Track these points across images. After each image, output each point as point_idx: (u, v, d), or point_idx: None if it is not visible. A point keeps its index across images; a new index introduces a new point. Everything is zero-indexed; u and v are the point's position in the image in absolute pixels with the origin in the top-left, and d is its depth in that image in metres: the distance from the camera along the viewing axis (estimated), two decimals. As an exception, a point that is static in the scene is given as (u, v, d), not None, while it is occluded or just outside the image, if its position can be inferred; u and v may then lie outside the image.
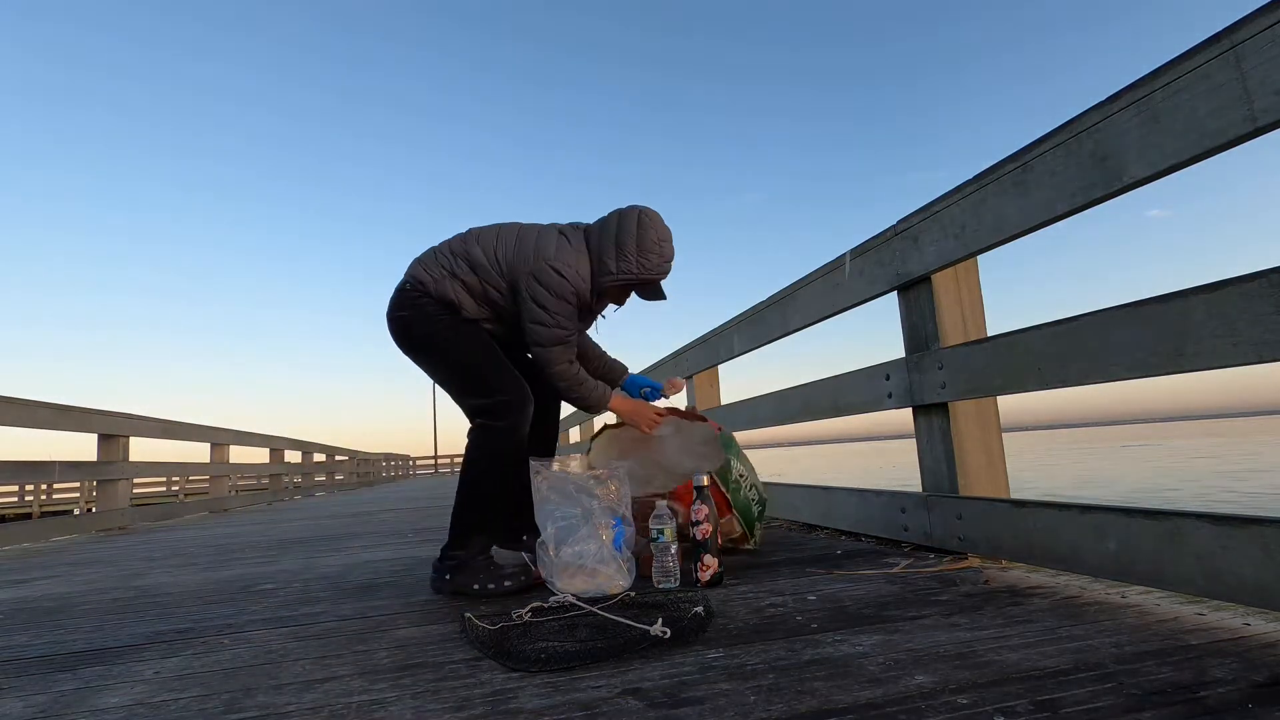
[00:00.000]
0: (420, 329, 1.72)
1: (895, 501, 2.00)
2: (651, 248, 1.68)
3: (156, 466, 6.03)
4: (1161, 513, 1.19)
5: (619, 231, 1.69)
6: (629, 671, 1.00)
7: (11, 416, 3.91)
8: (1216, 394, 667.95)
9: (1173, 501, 8.88)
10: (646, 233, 1.69)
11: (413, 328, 1.73)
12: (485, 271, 1.69)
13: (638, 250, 1.68)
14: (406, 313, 1.73)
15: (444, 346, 1.72)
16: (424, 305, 1.71)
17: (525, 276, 1.65)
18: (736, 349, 3.13)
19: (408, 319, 1.73)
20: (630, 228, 1.69)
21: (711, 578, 1.57)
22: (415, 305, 1.71)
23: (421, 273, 1.73)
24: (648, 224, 1.70)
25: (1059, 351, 1.39)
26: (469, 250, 1.71)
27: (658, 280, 1.74)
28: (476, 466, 1.69)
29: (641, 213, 1.71)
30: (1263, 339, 1.02)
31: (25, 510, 17.73)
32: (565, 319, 1.67)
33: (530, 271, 1.64)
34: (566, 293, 1.65)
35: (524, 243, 1.68)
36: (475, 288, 1.70)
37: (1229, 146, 1.08)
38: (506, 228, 1.74)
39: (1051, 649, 0.99)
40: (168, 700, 1.02)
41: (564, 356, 1.72)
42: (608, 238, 1.70)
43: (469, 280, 1.70)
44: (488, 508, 1.70)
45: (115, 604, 1.86)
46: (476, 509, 1.69)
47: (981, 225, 1.60)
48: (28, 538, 4.11)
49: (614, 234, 1.69)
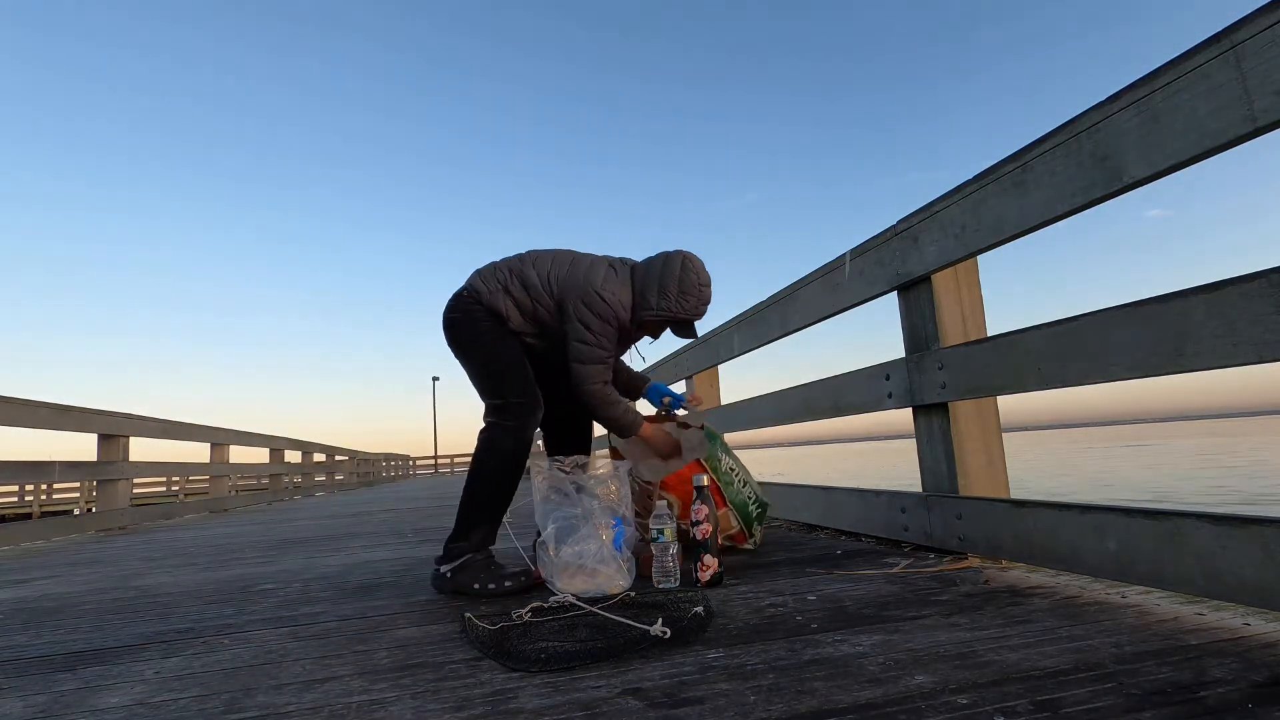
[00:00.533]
0: (467, 331, 1.88)
1: (895, 501, 2.00)
2: (692, 290, 1.82)
3: (156, 466, 6.03)
4: (1161, 513, 1.18)
5: (664, 272, 1.84)
6: (629, 671, 1.00)
7: (11, 416, 3.91)
8: (1218, 394, 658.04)
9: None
10: (689, 276, 1.83)
11: (461, 329, 1.89)
12: (536, 291, 1.84)
13: (679, 291, 1.82)
14: (458, 315, 1.89)
15: (481, 349, 1.86)
16: (474, 312, 1.87)
17: (574, 300, 1.80)
18: (736, 349, 3.13)
19: (459, 321, 1.89)
20: (675, 270, 1.83)
21: (711, 578, 1.57)
22: (467, 310, 1.88)
23: (479, 283, 1.89)
24: (691, 268, 1.84)
25: (1059, 351, 1.39)
26: (524, 271, 1.86)
27: (693, 320, 1.88)
28: (481, 463, 1.79)
29: (685, 257, 1.86)
30: (1263, 339, 1.02)
31: (25, 510, 17.73)
32: (606, 340, 1.81)
33: (579, 296, 1.79)
34: (609, 317, 1.79)
35: (576, 269, 1.83)
36: (525, 304, 1.85)
37: (1229, 146, 1.08)
38: (561, 254, 1.91)
39: (1051, 649, 0.99)
40: (168, 700, 1.02)
41: (599, 376, 1.83)
42: (652, 276, 1.84)
43: (520, 297, 1.85)
44: (490, 504, 1.78)
45: (115, 604, 1.86)
46: (479, 504, 1.77)
47: (981, 225, 1.60)
48: (28, 538, 4.11)
49: (658, 273, 1.84)
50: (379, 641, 1.27)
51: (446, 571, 1.70)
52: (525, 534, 2.39)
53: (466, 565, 1.70)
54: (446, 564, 1.71)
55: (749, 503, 2.04)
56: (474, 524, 1.76)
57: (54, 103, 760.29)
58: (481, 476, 1.78)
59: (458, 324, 1.89)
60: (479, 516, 1.76)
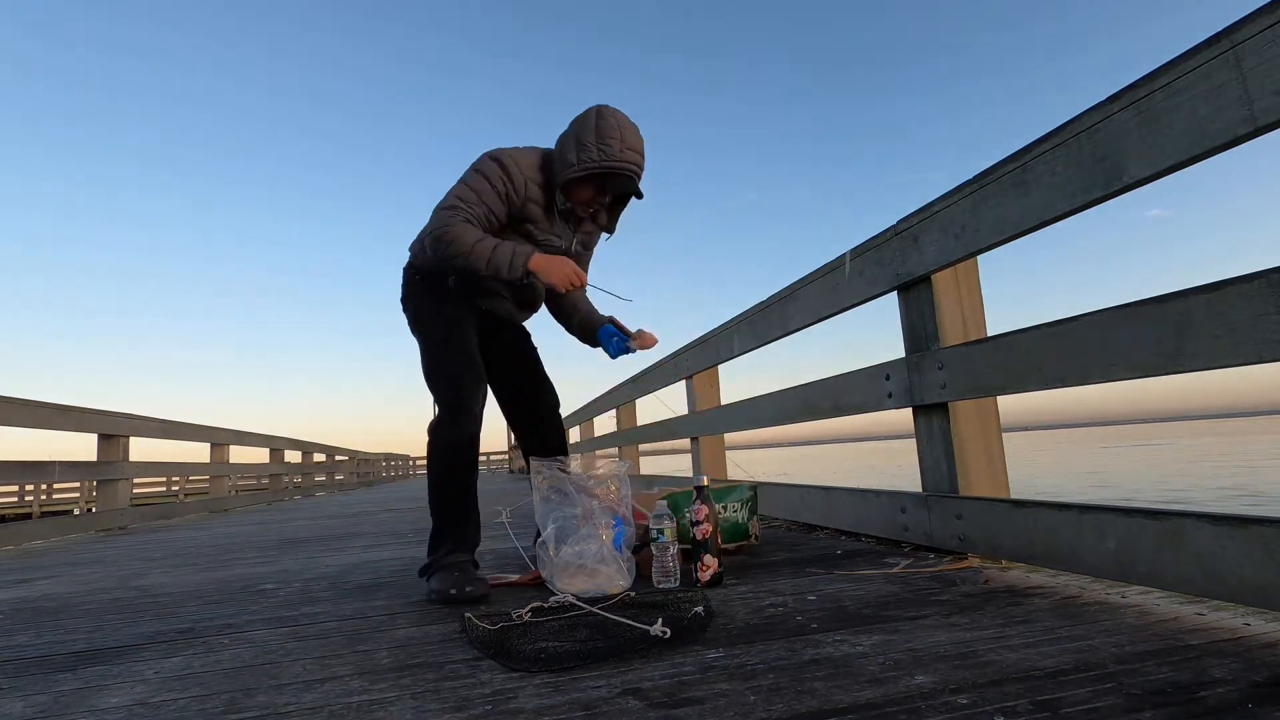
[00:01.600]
0: (409, 308, 1.77)
1: (895, 501, 2.00)
2: (612, 134, 1.61)
3: (156, 466, 6.04)
4: (1161, 513, 1.18)
5: (579, 128, 1.64)
6: (629, 671, 1.00)
7: (11, 416, 3.91)
8: (1218, 394, 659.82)
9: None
10: (605, 121, 1.62)
11: (406, 306, 1.79)
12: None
13: (598, 139, 1.60)
14: (403, 291, 1.79)
15: (419, 330, 1.75)
16: (414, 285, 1.76)
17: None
18: (736, 349, 3.13)
19: (404, 298, 1.79)
20: (590, 121, 1.64)
21: (711, 578, 1.57)
22: (407, 285, 1.77)
23: (414, 246, 1.77)
24: (606, 114, 1.65)
25: (1059, 351, 1.39)
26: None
27: (624, 171, 1.64)
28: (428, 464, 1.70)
29: (600, 108, 1.67)
30: (1263, 339, 1.02)
31: (25, 510, 17.73)
32: (474, 195, 1.60)
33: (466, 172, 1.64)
34: (493, 174, 1.61)
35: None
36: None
37: (1229, 146, 1.07)
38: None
39: (1051, 649, 0.99)
40: (168, 700, 1.01)
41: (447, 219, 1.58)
42: (568, 137, 1.65)
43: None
44: (444, 509, 1.69)
45: (115, 604, 1.86)
46: (435, 510, 1.70)
47: (981, 225, 1.59)
48: (28, 538, 4.11)
49: (573, 133, 1.65)
50: (379, 641, 1.27)
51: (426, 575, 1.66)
52: (525, 534, 2.39)
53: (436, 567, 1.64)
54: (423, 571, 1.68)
55: (737, 522, 2.05)
56: (438, 533, 1.69)
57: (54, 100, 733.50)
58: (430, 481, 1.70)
59: (404, 301, 1.78)
60: (438, 526, 1.69)
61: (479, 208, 1.61)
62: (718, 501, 2.01)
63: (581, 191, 1.67)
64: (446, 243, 1.57)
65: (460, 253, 1.57)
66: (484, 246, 1.58)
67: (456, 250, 1.57)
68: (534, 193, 1.66)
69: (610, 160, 1.61)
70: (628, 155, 1.63)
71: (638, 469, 5.56)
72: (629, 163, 1.63)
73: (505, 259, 1.58)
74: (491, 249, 1.58)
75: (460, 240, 1.57)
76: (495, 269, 1.58)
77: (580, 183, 1.66)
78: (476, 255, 1.57)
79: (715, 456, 3.80)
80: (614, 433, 5.87)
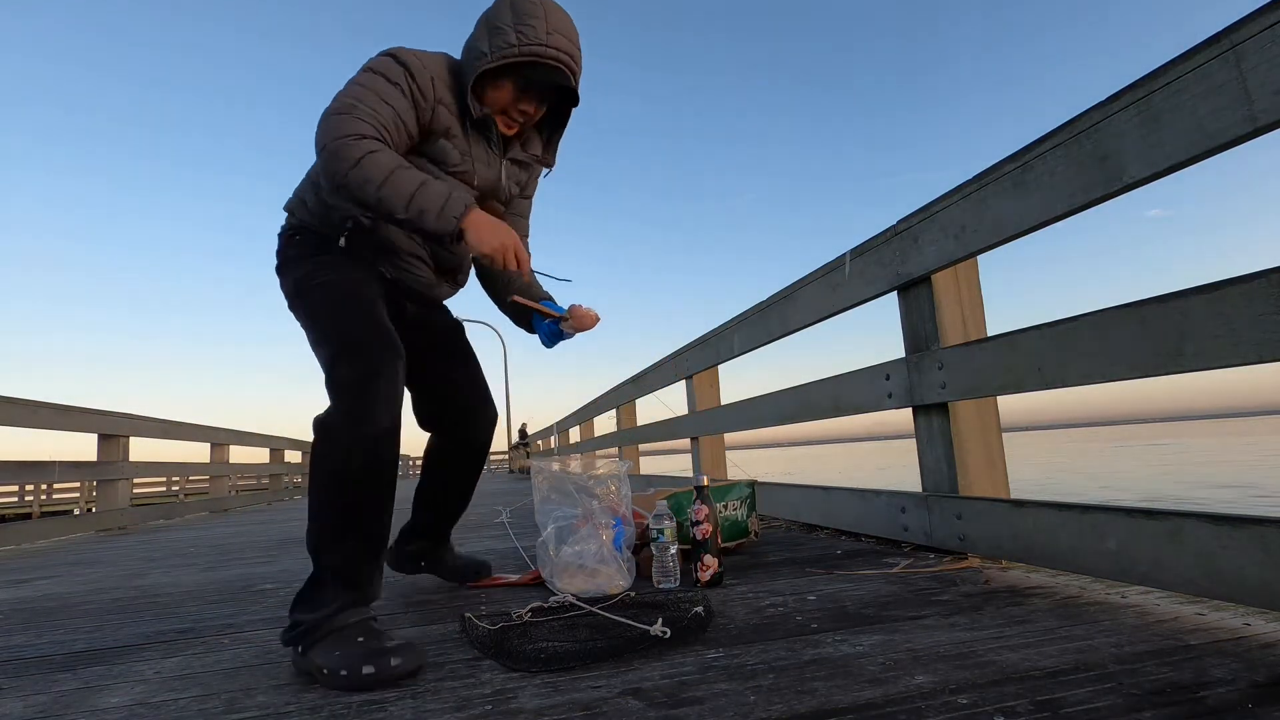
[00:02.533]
0: (287, 277, 1.35)
1: (895, 501, 2.00)
2: (532, 12, 1.26)
3: (156, 466, 6.04)
4: (1161, 513, 1.18)
5: (489, 13, 1.31)
6: (629, 671, 1.00)
7: (12, 416, 3.91)
8: (1219, 394, 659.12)
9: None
10: (524, 1, 1.28)
11: (283, 277, 1.36)
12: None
13: (514, 19, 1.26)
14: (279, 259, 1.38)
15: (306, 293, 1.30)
16: (295, 246, 1.35)
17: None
18: (736, 349, 3.13)
19: (280, 266, 1.38)
20: (504, 2, 1.30)
21: (711, 578, 1.57)
22: (284, 249, 1.37)
23: (291, 202, 1.39)
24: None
25: (1059, 351, 1.39)
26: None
27: (549, 59, 1.27)
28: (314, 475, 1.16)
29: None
30: (1263, 339, 1.02)
31: (25, 510, 17.73)
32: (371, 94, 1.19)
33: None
34: (391, 70, 1.22)
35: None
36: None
37: (1229, 146, 1.08)
38: None
39: (1051, 649, 0.99)
40: (168, 700, 1.01)
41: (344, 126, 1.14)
42: (479, 26, 1.32)
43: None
44: (338, 541, 1.13)
45: (115, 604, 1.86)
46: (322, 544, 1.13)
47: (981, 225, 1.60)
48: (28, 538, 4.11)
49: (484, 19, 1.32)
50: (379, 641, 1.27)
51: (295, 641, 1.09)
52: (525, 534, 2.39)
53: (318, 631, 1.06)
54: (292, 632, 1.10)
55: (737, 520, 2.05)
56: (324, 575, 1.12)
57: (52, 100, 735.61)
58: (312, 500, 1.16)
59: (280, 273, 1.37)
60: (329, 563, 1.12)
61: (384, 111, 1.19)
62: (717, 500, 2.01)
63: (498, 91, 1.31)
64: (349, 164, 1.12)
65: (370, 179, 1.12)
66: (406, 177, 1.14)
67: (364, 175, 1.12)
68: (444, 94, 1.28)
69: (532, 44, 1.25)
70: (555, 40, 1.27)
71: (638, 469, 5.56)
72: (557, 49, 1.27)
73: (435, 201, 1.14)
74: (417, 184, 1.14)
75: (372, 162, 1.13)
76: (418, 213, 1.14)
77: (496, 79, 1.29)
78: (393, 188, 1.13)
79: (715, 456, 3.80)
80: (614, 433, 5.87)
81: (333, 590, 1.10)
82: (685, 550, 1.67)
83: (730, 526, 2.03)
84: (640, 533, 1.76)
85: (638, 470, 5.38)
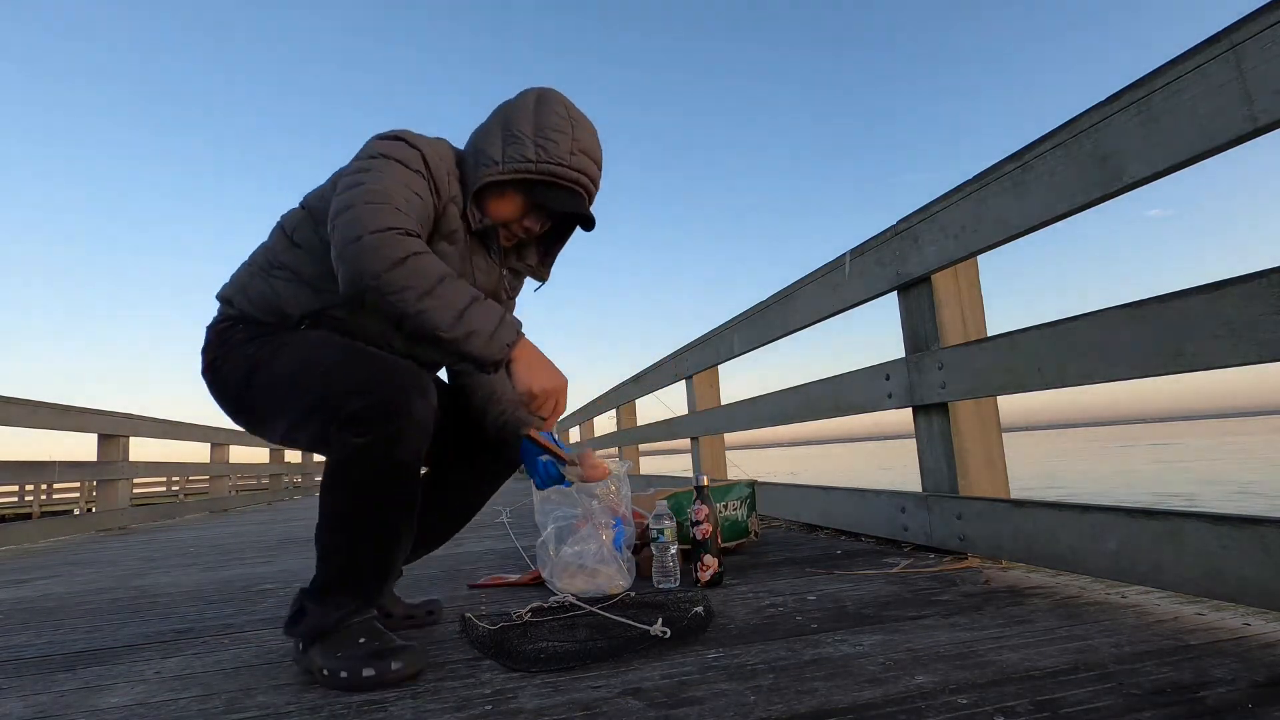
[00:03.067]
0: (227, 368, 1.13)
1: (895, 501, 2.00)
2: (557, 125, 1.13)
3: (156, 466, 6.04)
4: (1161, 513, 1.19)
5: (508, 114, 1.16)
6: (629, 671, 1.00)
7: (12, 416, 3.91)
8: (1219, 394, 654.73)
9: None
10: (549, 108, 1.14)
11: (224, 370, 1.14)
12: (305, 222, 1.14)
13: (535, 129, 1.12)
14: (215, 355, 1.16)
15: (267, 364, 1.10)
16: (234, 333, 1.15)
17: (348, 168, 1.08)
18: (736, 349, 3.13)
19: (217, 363, 1.15)
20: (525, 106, 1.15)
21: (711, 578, 1.57)
22: (223, 339, 1.15)
23: (228, 290, 1.18)
24: (552, 99, 1.16)
25: (1059, 351, 1.39)
26: (283, 223, 1.18)
27: (570, 181, 1.14)
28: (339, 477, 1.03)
29: (542, 90, 1.18)
30: (1263, 339, 1.02)
31: (25, 510, 17.73)
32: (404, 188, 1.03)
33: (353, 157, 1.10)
34: (410, 159, 1.07)
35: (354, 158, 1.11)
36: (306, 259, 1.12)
37: (1229, 146, 1.08)
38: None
39: (1051, 649, 0.99)
40: (168, 700, 1.01)
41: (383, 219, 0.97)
42: (491, 124, 1.17)
43: (293, 257, 1.13)
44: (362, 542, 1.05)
45: (115, 604, 1.86)
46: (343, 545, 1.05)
47: (981, 225, 1.60)
48: (28, 538, 4.11)
49: (500, 118, 1.16)
50: (379, 641, 1.27)
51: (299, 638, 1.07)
52: (525, 534, 2.39)
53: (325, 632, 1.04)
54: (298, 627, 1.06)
55: (737, 520, 2.05)
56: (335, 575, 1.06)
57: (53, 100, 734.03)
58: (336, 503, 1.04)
59: (217, 367, 1.15)
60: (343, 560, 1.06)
61: (415, 205, 1.04)
62: (717, 500, 2.01)
63: (503, 203, 1.17)
64: (389, 262, 0.94)
65: (412, 285, 0.94)
66: (456, 289, 0.97)
67: (406, 279, 0.94)
68: (456, 192, 1.13)
69: (551, 162, 1.12)
70: (579, 161, 1.14)
71: (638, 469, 5.56)
72: (580, 171, 1.15)
73: (487, 323, 0.98)
74: (468, 299, 0.98)
75: (418, 265, 0.96)
76: (465, 333, 0.97)
77: (503, 192, 1.15)
78: (440, 299, 0.96)
79: (715, 456, 3.80)
80: (614, 433, 5.87)
81: (341, 596, 1.05)
82: (685, 550, 1.67)
83: (730, 526, 2.03)
84: (640, 533, 1.76)
85: (638, 470, 5.38)
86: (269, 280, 1.14)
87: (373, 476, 1.01)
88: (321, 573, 1.07)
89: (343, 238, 0.96)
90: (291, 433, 1.12)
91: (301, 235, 1.14)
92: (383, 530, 1.05)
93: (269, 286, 1.13)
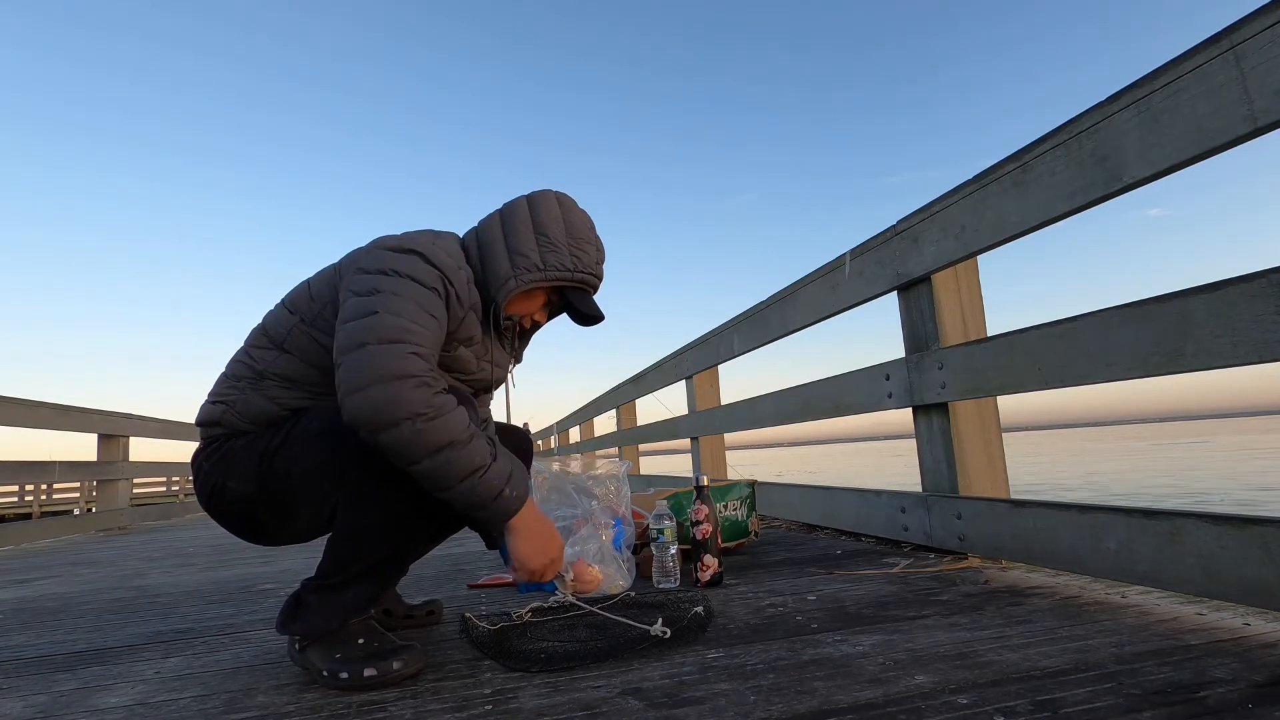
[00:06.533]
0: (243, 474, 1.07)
1: (895, 501, 2.00)
2: (588, 236, 1.20)
3: (156, 466, 6.04)
4: (1161, 513, 1.18)
5: (535, 215, 1.17)
6: (629, 671, 1.00)
7: (12, 416, 3.91)
8: (1220, 394, 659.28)
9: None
10: (575, 217, 1.20)
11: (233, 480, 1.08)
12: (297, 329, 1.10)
13: (569, 239, 1.17)
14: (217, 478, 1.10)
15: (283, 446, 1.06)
16: (231, 446, 1.10)
17: (351, 270, 1.06)
18: (736, 349, 3.13)
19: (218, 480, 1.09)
20: (552, 210, 1.18)
21: (711, 578, 1.57)
22: (222, 455, 1.10)
23: (213, 413, 1.11)
24: (571, 208, 1.21)
25: (1059, 351, 1.39)
26: (265, 328, 1.14)
27: (592, 287, 1.23)
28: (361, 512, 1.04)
29: (558, 195, 1.22)
30: (1263, 339, 1.02)
31: (25, 510, 17.73)
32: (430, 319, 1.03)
33: (359, 259, 1.07)
34: (432, 281, 1.05)
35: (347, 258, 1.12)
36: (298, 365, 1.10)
37: (1229, 146, 1.08)
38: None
39: (1051, 649, 0.99)
40: (168, 700, 1.02)
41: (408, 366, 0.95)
42: (517, 225, 1.16)
43: (285, 365, 1.10)
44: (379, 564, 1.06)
45: (115, 604, 1.86)
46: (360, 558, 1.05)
47: (981, 225, 1.60)
48: (28, 538, 4.12)
49: (526, 220, 1.17)
50: (379, 641, 1.27)
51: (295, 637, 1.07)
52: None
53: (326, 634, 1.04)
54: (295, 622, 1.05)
55: (737, 520, 2.05)
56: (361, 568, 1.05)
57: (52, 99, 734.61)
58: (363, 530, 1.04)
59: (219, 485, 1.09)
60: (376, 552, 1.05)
61: (432, 335, 1.03)
62: (717, 500, 2.01)
63: (530, 302, 1.20)
64: (413, 416, 0.93)
65: (432, 443, 0.95)
66: (475, 450, 0.98)
67: (427, 436, 0.94)
68: (475, 298, 1.15)
69: (585, 271, 1.18)
70: (601, 270, 1.23)
71: (638, 469, 5.55)
72: (600, 277, 1.23)
73: (492, 489, 0.99)
74: (485, 460, 0.99)
75: (444, 424, 0.96)
76: (469, 490, 0.98)
77: (531, 293, 1.19)
78: (453, 457, 0.96)
79: (715, 456, 3.80)
80: (614, 433, 5.87)
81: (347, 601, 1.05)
82: (685, 550, 1.67)
83: (730, 526, 2.03)
84: (640, 533, 1.76)
85: (638, 470, 5.38)
86: (260, 392, 1.10)
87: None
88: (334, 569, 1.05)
89: (352, 382, 0.94)
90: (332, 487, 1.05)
91: (293, 342, 1.10)
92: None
93: (261, 397, 1.10)
